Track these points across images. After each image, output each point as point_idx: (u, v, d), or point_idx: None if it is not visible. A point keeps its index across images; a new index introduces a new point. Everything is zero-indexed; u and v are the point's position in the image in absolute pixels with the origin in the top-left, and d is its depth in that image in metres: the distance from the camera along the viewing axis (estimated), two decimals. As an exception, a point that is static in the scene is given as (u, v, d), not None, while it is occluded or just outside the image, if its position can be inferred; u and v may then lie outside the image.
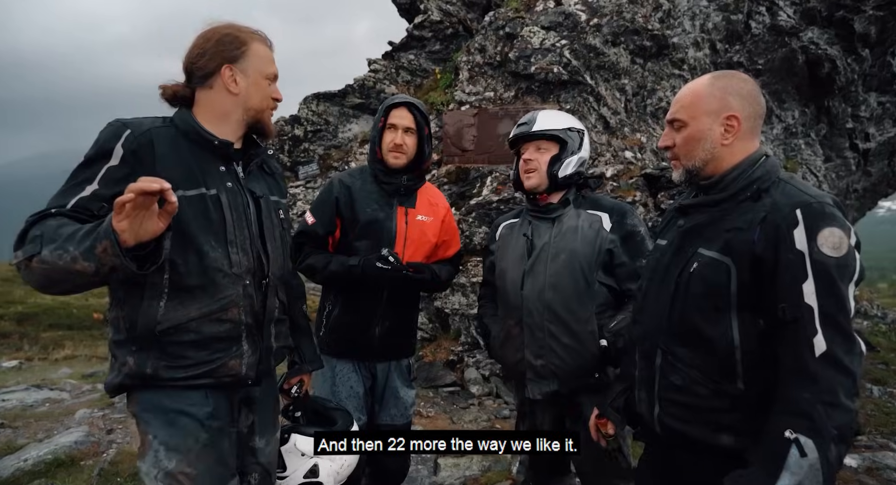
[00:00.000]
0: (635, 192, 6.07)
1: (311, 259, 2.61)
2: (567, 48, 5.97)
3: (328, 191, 2.66)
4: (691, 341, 1.65)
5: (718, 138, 1.65)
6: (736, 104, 1.65)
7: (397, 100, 2.66)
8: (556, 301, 2.34)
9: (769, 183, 1.61)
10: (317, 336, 2.67)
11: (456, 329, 6.42)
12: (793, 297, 1.47)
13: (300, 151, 7.09)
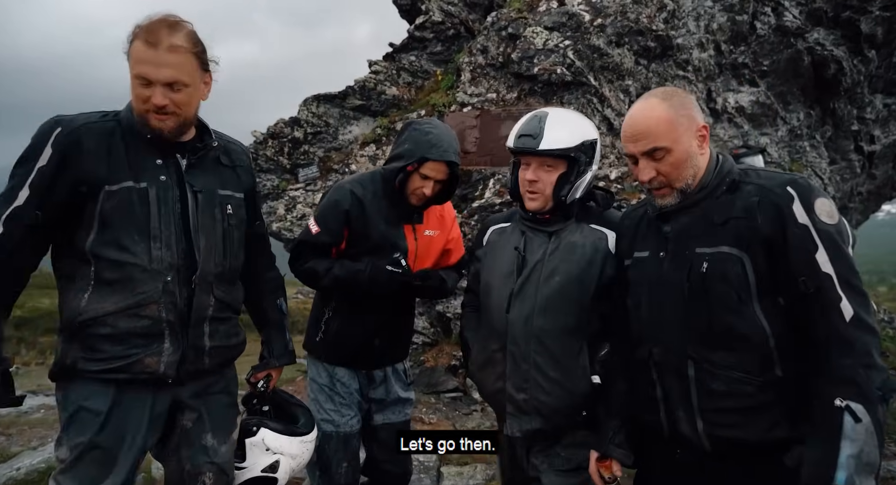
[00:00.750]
0: (639, 194, 5.99)
1: (312, 263, 2.51)
2: (570, 49, 5.89)
3: (338, 201, 2.50)
4: (725, 342, 1.62)
5: (698, 151, 1.70)
6: (698, 116, 1.72)
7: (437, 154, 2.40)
8: (546, 330, 2.06)
9: (736, 173, 1.69)
10: (312, 342, 2.62)
11: (458, 334, 6.32)
12: (810, 268, 1.51)
13: (300, 154, 7.00)
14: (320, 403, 2.59)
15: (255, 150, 6.90)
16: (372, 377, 2.67)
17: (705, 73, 6.97)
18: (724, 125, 7.37)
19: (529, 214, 2.16)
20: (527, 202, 2.15)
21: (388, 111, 6.87)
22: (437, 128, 2.50)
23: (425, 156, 2.40)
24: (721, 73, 7.11)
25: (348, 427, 2.59)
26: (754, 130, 7.55)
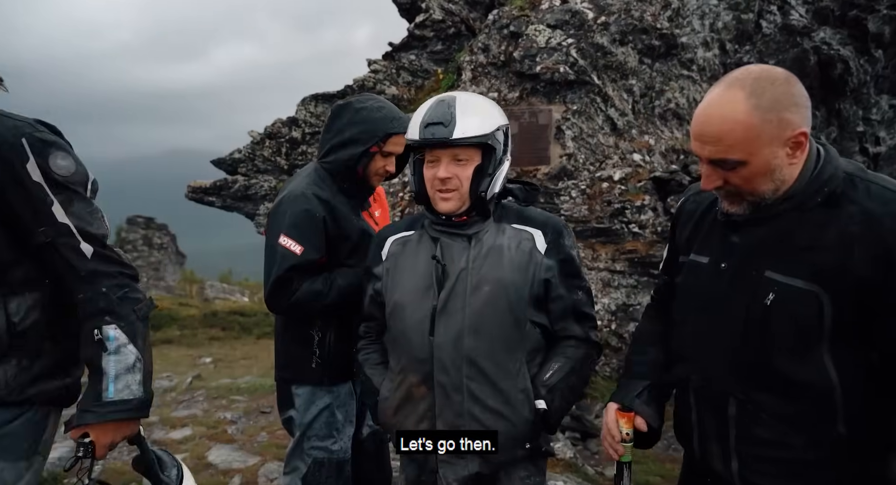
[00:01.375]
0: (644, 195, 5.88)
1: (307, 285, 2.23)
2: (574, 47, 5.78)
3: (308, 211, 2.24)
4: (776, 386, 1.37)
5: (786, 161, 1.35)
6: (796, 118, 1.32)
7: (399, 127, 2.22)
8: (480, 350, 1.76)
9: (838, 181, 1.34)
10: (304, 370, 2.38)
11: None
12: None
13: (298, 154, 6.88)
14: (319, 435, 2.40)
15: (252, 150, 6.78)
16: None
17: (710, 73, 6.85)
18: (728, 126, 7.26)
19: (442, 217, 1.85)
20: (439, 204, 1.83)
21: (388, 111, 6.76)
22: (383, 101, 2.37)
23: (389, 131, 2.25)
24: (726, 73, 6.99)
25: (342, 453, 2.42)
26: (759, 131, 7.44)
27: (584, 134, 5.92)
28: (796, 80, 1.37)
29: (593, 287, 5.78)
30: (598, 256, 5.81)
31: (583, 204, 5.80)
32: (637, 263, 5.84)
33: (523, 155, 5.91)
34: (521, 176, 5.86)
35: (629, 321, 5.80)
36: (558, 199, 5.81)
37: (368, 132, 2.26)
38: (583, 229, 5.77)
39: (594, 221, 5.77)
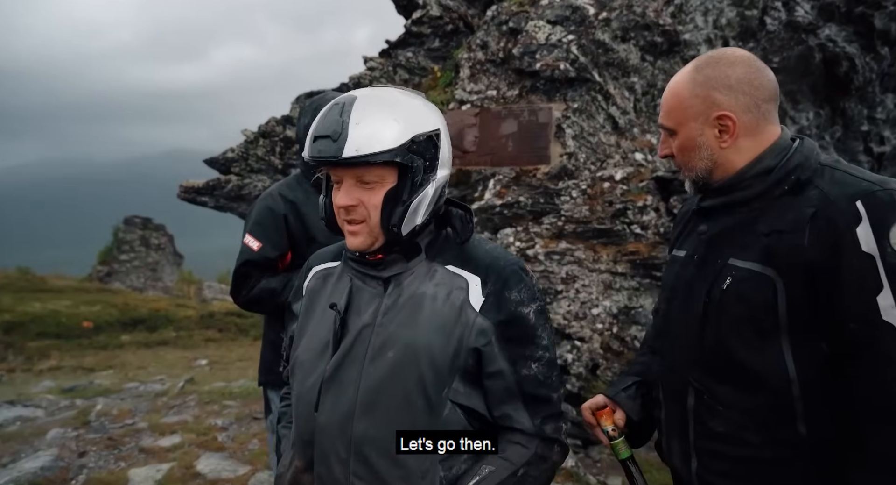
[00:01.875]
0: (646, 196, 5.74)
1: (264, 282, 2.24)
2: (574, 44, 5.64)
3: (270, 209, 2.31)
4: (733, 377, 1.33)
5: (715, 143, 1.39)
6: (725, 100, 1.37)
7: None
8: (373, 439, 1.30)
9: (811, 171, 1.32)
10: (275, 373, 2.25)
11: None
12: (866, 313, 1.16)
13: (292, 153, 6.74)
14: None
15: (246, 149, 6.64)
16: None
17: (713, 71, 6.72)
18: (731, 125, 7.12)
19: (356, 253, 1.42)
20: (347, 239, 1.41)
21: (384, 109, 6.61)
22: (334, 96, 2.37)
23: None
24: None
25: None
26: (762, 130, 7.31)
27: (584, 133, 5.78)
28: (754, 67, 1.39)
29: (594, 289, 5.65)
30: (600, 258, 5.67)
31: (583, 204, 5.66)
32: (639, 265, 5.70)
33: (522, 154, 5.77)
34: (519, 177, 5.73)
35: (631, 324, 5.66)
36: (558, 199, 5.67)
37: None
38: (584, 230, 5.63)
39: (595, 221, 5.63)
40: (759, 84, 1.37)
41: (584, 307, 5.57)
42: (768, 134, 1.38)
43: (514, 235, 5.64)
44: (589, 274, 5.65)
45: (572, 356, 5.24)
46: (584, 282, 5.63)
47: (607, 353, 5.45)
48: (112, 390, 6.74)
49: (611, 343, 5.51)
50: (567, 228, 5.62)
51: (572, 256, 5.58)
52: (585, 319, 5.52)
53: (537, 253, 5.54)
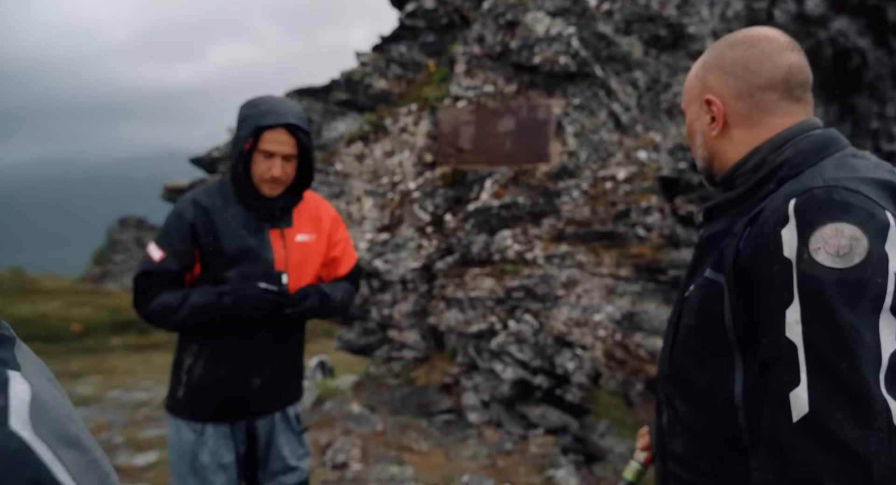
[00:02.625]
0: (650, 196, 5.48)
1: (162, 297, 2.00)
2: (575, 37, 5.37)
3: (178, 216, 2.04)
4: (687, 393, 1.23)
5: (708, 129, 1.26)
6: (716, 83, 1.24)
7: (272, 119, 1.99)
8: None
9: (804, 166, 1.13)
10: (174, 397, 2.13)
11: (452, 348, 5.80)
12: (773, 328, 1.02)
13: (281, 152, 6.48)
14: (182, 476, 2.09)
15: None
16: (254, 432, 2.15)
17: (719, 66, 6.46)
18: (737, 122, 6.86)
19: None
20: None
21: (377, 106, 6.34)
22: (271, 97, 2.13)
23: (259, 125, 1.98)
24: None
25: None
26: (769, 128, 7.05)
27: (586, 130, 5.51)
28: (757, 50, 1.21)
29: (596, 294, 5.39)
30: (601, 261, 5.41)
31: (585, 205, 5.40)
32: (643, 269, 5.45)
33: (521, 153, 5.51)
34: (517, 177, 5.47)
35: (635, 331, 5.40)
36: (558, 199, 5.41)
37: (243, 130, 2.05)
38: (585, 233, 5.37)
39: (597, 223, 5.37)
40: (757, 70, 1.19)
41: (586, 313, 5.31)
42: (768, 126, 1.21)
43: (512, 237, 5.38)
44: (590, 278, 5.39)
45: (573, 365, 4.98)
46: (585, 286, 5.37)
47: (610, 361, 5.19)
48: (93, 400, 6.47)
49: (613, 351, 5.25)
50: (567, 230, 5.36)
51: (573, 259, 5.32)
52: (587, 326, 5.26)
53: (536, 256, 5.28)
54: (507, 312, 5.27)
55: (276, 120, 1.99)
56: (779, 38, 1.22)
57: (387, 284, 5.98)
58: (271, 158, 2.01)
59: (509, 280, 5.25)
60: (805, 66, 1.22)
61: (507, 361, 5.22)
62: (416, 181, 5.92)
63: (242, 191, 2.07)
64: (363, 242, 6.07)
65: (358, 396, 5.47)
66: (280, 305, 2.02)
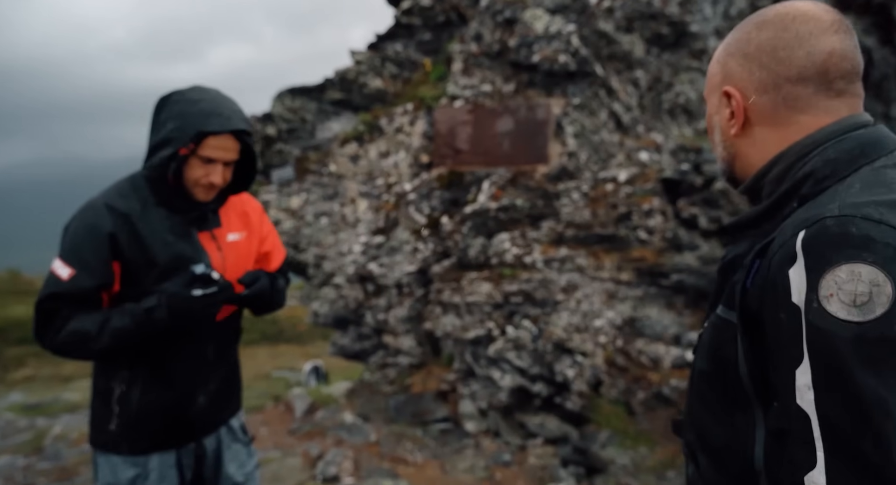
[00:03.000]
0: (652, 198, 5.33)
1: (75, 323, 1.72)
2: (575, 34, 5.23)
3: (90, 225, 1.76)
4: (706, 448, 1.05)
5: (726, 125, 1.06)
6: (736, 70, 1.03)
7: (218, 124, 1.76)
8: None
9: (831, 181, 0.91)
10: (103, 432, 1.88)
11: (448, 354, 5.65)
12: (784, 391, 0.84)
13: (273, 153, 6.32)
14: None
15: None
16: (202, 452, 1.96)
17: (722, 65, 6.32)
18: (740, 123, 6.71)
19: None
20: None
21: (372, 106, 6.20)
22: (209, 93, 1.87)
23: (202, 129, 1.75)
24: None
25: None
26: (773, 129, 6.90)
27: (586, 130, 5.37)
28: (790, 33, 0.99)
29: (596, 299, 5.25)
30: (602, 265, 5.26)
31: (585, 207, 5.26)
32: (645, 273, 5.30)
33: (519, 153, 5.37)
34: (515, 178, 5.32)
35: (636, 337, 5.25)
36: (558, 202, 5.26)
37: (178, 130, 1.78)
38: (585, 236, 5.22)
39: (597, 226, 5.23)
40: (788, 57, 0.98)
41: (586, 319, 5.16)
42: (797, 126, 1.00)
43: (510, 240, 5.23)
44: (591, 282, 5.24)
45: (573, 372, 4.83)
46: (585, 291, 5.22)
47: (611, 368, 5.04)
48: (80, 406, 6.31)
49: (615, 358, 5.10)
50: (567, 233, 5.21)
51: (573, 263, 5.18)
52: (587, 332, 5.11)
53: (535, 260, 5.13)
54: (506, 318, 5.13)
55: (223, 125, 1.76)
56: (820, 17, 1.00)
57: (382, 288, 5.83)
58: (211, 164, 1.80)
59: (507, 285, 5.11)
60: (851, 52, 1.00)
61: (506, 368, 5.07)
62: (412, 183, 5.77)
63: (168, 194, 1.84)
64: (357, 244, 5.92)
65: (351, 403, 5.32)
66: (231, 301, 1.84)
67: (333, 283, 6.14)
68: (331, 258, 6.07)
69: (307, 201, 6.26)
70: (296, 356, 17.63)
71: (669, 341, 5.29)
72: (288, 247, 6.34)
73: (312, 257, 6.19)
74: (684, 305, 5.65)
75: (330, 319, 6.39)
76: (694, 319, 5.69)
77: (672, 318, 5.55)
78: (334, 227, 6.12)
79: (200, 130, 1.74)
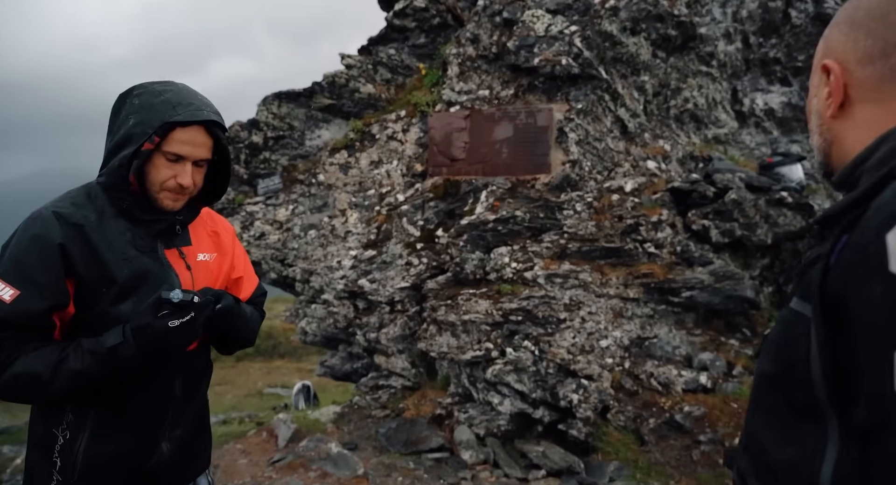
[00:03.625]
0: (661, 210, 5.01)
1: (20, 365, 1.39)
2: (578, 36, 4.92)
3: (36, 237, 1.44)
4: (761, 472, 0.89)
5: (825, 106, 0.92)
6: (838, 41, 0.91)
7: (187, 114, 1.50)
8: None
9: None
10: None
11: (444, 376, 5.29)
12: (876, 379, 0.69)
13: (259, 162, 5.99)
14: None
15: (207, 157, 5.89)
16: None
17: (731, 70, 6.01)
18: (750, 131, 6.41)
19: None
20: None
21: (363, 112, 5.88)
22: (176, 85, 1.61)
23: (168, 120, 1.48)
24: (749, 70, 6.15)
25: None
26: (783, 137, 6.60)
27: (590, 137, 5.04)
28: None
29: (602, 318, 4.90)
30: (608, 281, 4.92)
31: (589, 219, 4.92)
32: (653, 289, 4.96)
33: (519, 162, 5.04)
34: (515, 188, 4.99)
35: (646, 358, 4.90)
36: (560, 213, 4.92)
37: (141, 124, 1.51)
38: (590, 249, 4.88)
39: (603, 239, 4.89)
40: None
41: (592, 339, 4.81)
42: None
43: (510, 254, 4.89)
44: (596, 300, 4.89)
45: (578, 397, 4.47)
46: (590, 309, 4.87)
47: (619, 393, 4.68)
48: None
49: (623, 381, 4.74)
50: (571, 247, 4.87)
51: (577, 278, 4.83)
52: (593, 353, 4.75)
53: (536, 275, 4.79)
54: (505, 338, 4.77)
55: (194, 115, 1.50)
56: None
57: (373, 305, 5.48)
58: (179, 163, 1.52)
59: (507, 302, 4.76)
60: None
61: (505, 391, 4.71)
62: (405, 193, 5.44)
63: (129, 202, 1.55)
64: (347, 259, 5.58)
65: (339, 430, 4.95)
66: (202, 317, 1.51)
67: (322, 299, 5.79)
68: (319, 273, 5.72)
69: (295, 213, 5.92)
70: (290, 372, 17.22)
71: (681, 363, 4.94)
72: (274, 262, 5.99)
73: (300, 273, 5.84)
74: (695, 323, 5.31)
75: (319, 338, 6.03)
76: (705, 339, 5.34)
77: (682, 337, 5.21)
78: (323, 240, 5.78)
79: (166, 120, 1.47)
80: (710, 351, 5.17)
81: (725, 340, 5.32)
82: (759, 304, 5.20)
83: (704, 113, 5.80)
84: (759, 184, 5.26)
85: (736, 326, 5.44)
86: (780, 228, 5.37)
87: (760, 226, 5.24)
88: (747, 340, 5.37)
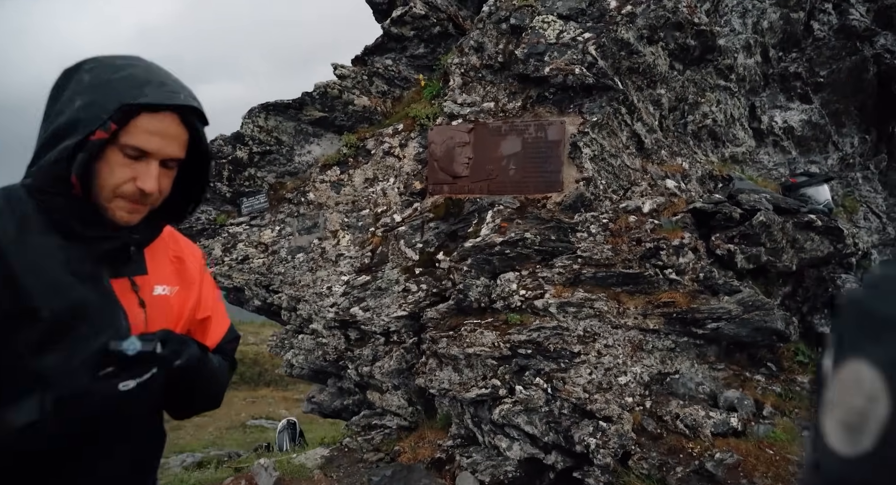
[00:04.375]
0: (682, 232, 4.58)
1: None
2: (593, 43, 4.54)
3: None
4: None
5: None
6: None
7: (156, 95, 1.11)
8: None
9: None
10: None
11: (445, 416, 4.80)
12: None
13: (244, 179, 5.53)
14: None
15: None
16: None
17: (749, 85, 5.66)
18: (768, 150, 6.05)
19: None
20: None
21: (357, 126, 5.45)
22: (141, 60, 1.19)
23: (131, 101, 1.08)
24: (767, 85, 5.80)
25: None
26: (802, 157, 6.24)
27: (605, 153, 4.64)
28: None
29: (621, 351, 4.45)
30: (626, 311, 4.47)
31: (605, 243, 4.48)
32: (675, 320, 4.51)
33: (528, 179, 4.62)
34: (524, 208, 4.56)
35: (669, 397, 4.42)
36: (574, 236, 4.49)
37: (91, 106, 1.10)
38: (606, 276, 4.44)
39: (620, 264, 4.45)
40: None
41: (609, 375, 4.34)
42: None
43: (518, 280, 4.44)
44: (613, 331, 4.44)
45: (596, 441, 3.99)
46: (607, 341, 4.41)
47: (641, 436, 4.19)
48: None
49: (645, 423, 4.26)
50: (585, 273, 4.43)
51: (592, 307, 4.38)
52: (611, 391, 4.28)
53: (548, 304, 4.33)
54: (513, 374, 4.30)
55: (167, 97, 1.12)
56: None
57: (366, 335, 4.99)
58: (142, 161, 1.11)
59: (515, 333, 4.30)
60: None
61: (514, 434, 4.22)
62: (403, 213, 4.99)
63: (68, 211, 1.12)
64: (338, 284, 5.10)
65: (327, 477, 4.42)
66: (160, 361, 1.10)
67: (310, 329, 5.29)
68: (308, 300, 5.23)
69: (281, 235, 5.45)
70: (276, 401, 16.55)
71: (707, 402, 4.47)
72: (259, 287, 5.50)
73: (287, 300, 5.35)
74: (717, 357, 4.86)
75: (306, 372, 5.52)
76: (728, 375, 4.88)
77: (705, 373, 4.75)
78: (312, 264, 5.30)
79: (127, 101, 1.08)
80: (734, 388, 4.71)
81: (750, 375, 4.87)
82: (790, 336, 4.76)
83: (723, 130, 5.43)
84: (786, 205, 4.86)
85: (759, 359, 5.00)
86: (806, 253, 4.97)
87: (786, 251, 4.84)
88: (773, 376, 4.92)
